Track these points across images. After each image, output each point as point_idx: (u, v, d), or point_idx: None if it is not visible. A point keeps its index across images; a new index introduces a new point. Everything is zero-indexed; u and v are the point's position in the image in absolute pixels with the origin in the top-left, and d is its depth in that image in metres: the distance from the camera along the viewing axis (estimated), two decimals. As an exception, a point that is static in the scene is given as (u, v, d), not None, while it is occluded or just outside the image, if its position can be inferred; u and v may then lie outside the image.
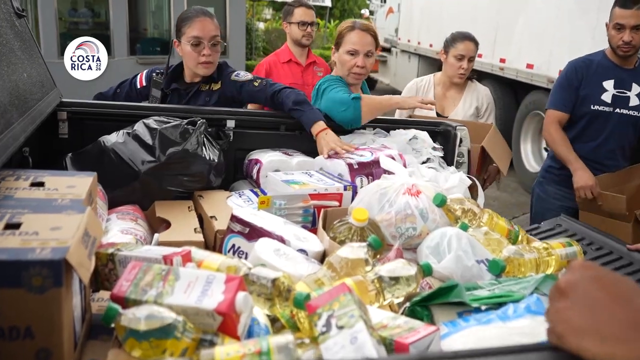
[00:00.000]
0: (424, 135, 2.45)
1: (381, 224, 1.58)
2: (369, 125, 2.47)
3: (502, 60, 7.14)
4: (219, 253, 1.52)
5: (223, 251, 1.55)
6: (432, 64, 9.92)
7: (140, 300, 1.05)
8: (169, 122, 1.98)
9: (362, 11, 14.98)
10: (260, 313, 1.18)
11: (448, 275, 1.40)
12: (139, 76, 2.74)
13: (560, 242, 1.54)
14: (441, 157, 2.44)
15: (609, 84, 3.04)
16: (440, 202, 1.61)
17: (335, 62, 2.68)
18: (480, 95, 3.46)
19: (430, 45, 9.68)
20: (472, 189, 2.15)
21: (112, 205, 1.82)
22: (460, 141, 2.54)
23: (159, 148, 1.90)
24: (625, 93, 3.03)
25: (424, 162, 2.35)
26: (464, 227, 1.55)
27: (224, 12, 9.90)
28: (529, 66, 6.55)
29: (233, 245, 1.54)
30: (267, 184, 2.01)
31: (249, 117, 2.39)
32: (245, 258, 1.49)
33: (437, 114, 3.35)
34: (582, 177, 2.98)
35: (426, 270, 1.31)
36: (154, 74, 2.70)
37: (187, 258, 1.23)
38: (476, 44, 3.38)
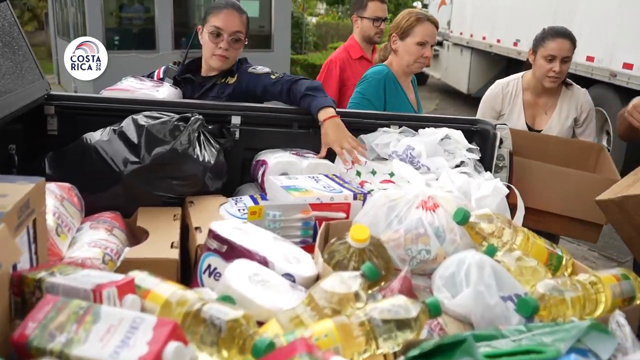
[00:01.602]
0: (457, 134, 2.13)
1: (388, 245, 1.30)
2: (394, 123, 2.18)
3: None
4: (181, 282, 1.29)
5: (197, 272, 1.31)
6: (485, 58, 9.46)
7: (44, 349, 0.82)
8: (160, 118, 1.75)
9: (415, 3, 14.50)
10: (212, 364, 0.93)
11: (464, 314, 1.12)
12: (157, 70, 2.56)
13: (612, 274, 1.22)
14: (477, 160, 2.13)
15: None
16: (462, 219, 1.31)
17: (396, 51, 2.58)
18: (579, 102, 2.83)
19: (483, 38, 9.22)
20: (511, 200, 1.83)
21: (93, 210, 1.62)
22: (501, 142, 2.21)
23: (144, 147, 1.67)
24: None
25: (457, 166, 2.04)
26: (491, 251, 1.25)
27: (270, 6, 9.71)
28: (589, 59, 6.05)
29: (208, 266, 1.29)
30: (268, 189, 1.75)
31: (257, 113, 2.14)
32: (221, 282, 1.24)
33: (528, 127, 2.83)
34: (634, 100, 2.29)
35: (433, 311, 1.02)
36: (171, 64, 2.52)
37: (127, 289, 0.99)
38: (572, 41, 2.75)
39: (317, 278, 1.28)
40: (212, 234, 1.30)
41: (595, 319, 1.15)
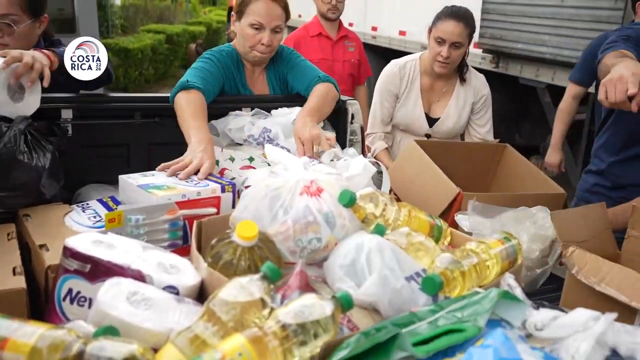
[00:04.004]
0: (311, 113, 2.08)
1: (276, 238, 1.20)
2: (245, 105, 2.06)
3: (374, 29, 6.97)
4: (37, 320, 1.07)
5: (55, 300, 1.09)
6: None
7: None
8: (-27, 118, 1.45)
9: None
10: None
11: (372, 302, 1.06)
12: None
13: (497, 238, 1.25)
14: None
15: None
16: (349, 201, 1.25)
17: (235, 33, 2.13)
18: (476, 89, 2.64)
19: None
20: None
21: None
22: (352, 117, 2.21)
23: (-43, 155, 1.37)
24: None
25: (313, 146, 1.99)
26: (381, 231, 1.21)
27: (71, -14, 8.82)
28: (402, 33, 6.42)
29: (70, 291, 1.08)
30: (121, 190, 1.54)
31: (91, 105, 1.88)
32: (90, 308, 1.05)
33: (426, 115, 2.63)
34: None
35: (346, 305, 0.95)
36: None
37: (-23, 341, 0.77)
38: (468, 25, 2.48)
39: (202, 285, 1.15)
40: (70, 252, 1.09)
41: (488, 284, 1.17)
